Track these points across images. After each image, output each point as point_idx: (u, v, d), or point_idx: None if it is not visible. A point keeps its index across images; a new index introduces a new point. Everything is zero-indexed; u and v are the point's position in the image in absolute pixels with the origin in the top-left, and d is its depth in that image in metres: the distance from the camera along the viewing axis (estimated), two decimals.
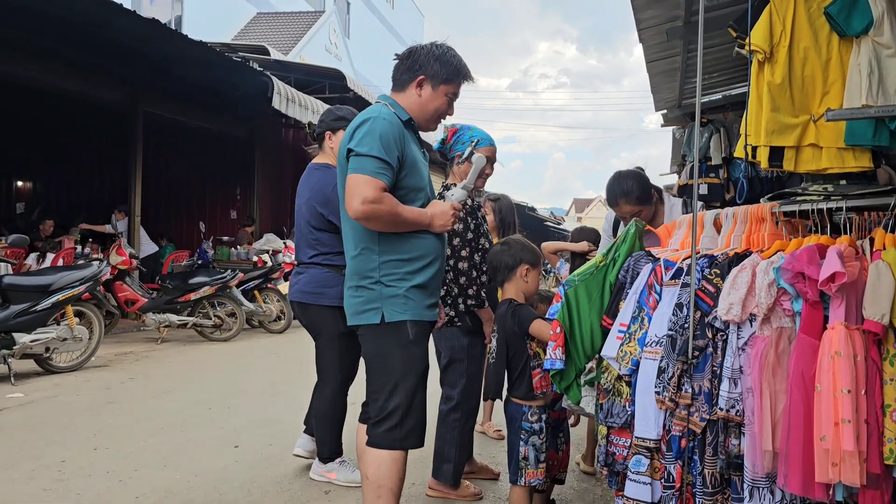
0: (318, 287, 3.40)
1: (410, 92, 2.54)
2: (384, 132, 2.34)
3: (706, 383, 2.02)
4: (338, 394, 3.49)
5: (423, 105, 2.54)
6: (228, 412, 4.99)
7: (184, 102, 11.30)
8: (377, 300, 2.40)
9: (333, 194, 3.32)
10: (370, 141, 2.31)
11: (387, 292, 2.40)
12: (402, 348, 2.42)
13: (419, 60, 2.52)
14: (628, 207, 3.17)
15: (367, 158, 2.30)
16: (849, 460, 1.79)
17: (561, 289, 2.51)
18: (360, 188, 2.26)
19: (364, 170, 2.29)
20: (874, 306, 1.80)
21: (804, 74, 2.52)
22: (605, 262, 2.47)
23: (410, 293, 2.41)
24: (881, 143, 2.40)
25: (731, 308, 1.94)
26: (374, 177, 2.28)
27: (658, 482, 2.16)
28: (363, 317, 2.44)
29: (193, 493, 3.37)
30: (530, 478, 2.68)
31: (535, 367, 2.71)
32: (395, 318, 2.40)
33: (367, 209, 2.26)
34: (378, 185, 2.28)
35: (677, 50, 5.32)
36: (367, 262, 2.43)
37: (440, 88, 2.53)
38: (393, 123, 2.39)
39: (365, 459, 2.46)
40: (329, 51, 23.24)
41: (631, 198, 3.16)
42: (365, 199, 2.25)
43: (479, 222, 3.30)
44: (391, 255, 2.41)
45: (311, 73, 12.54)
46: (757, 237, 2.15)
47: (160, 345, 8.13)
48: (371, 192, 2.25)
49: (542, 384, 2.70)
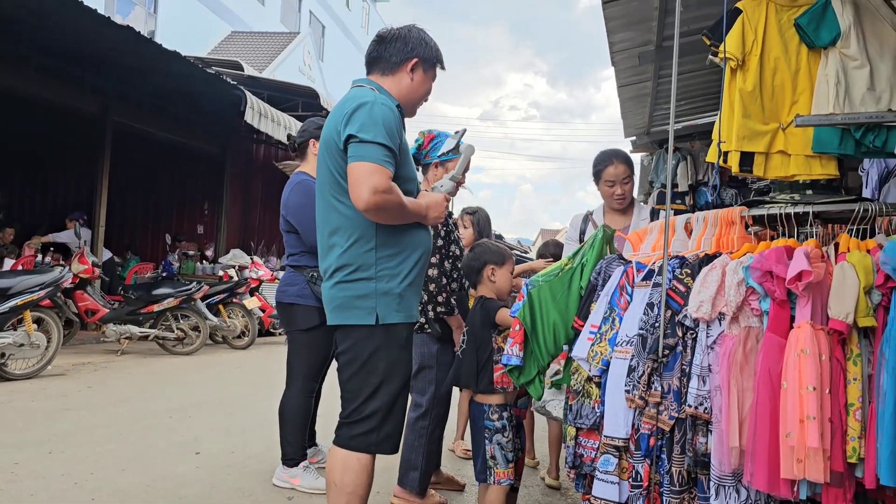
0: (283, 286, 3.56)
1: (402, 76, 2.41)
2: (386, 118, 2.20)
3: (675, 382, 2.06)
4: (302, 392, 3.49)
5: (414, 90, 2.43)
6: (189, 421, 4.88)
7: (155, 114, 11.19)
8: (371, 297, 2.25)
9: (291, 196, 3.47)
10: (374, 127, 2.16)
11: (382, 289, 2.25)
12: (391, 350, 2.28)
13: (411, 42, 2.40)
14: (622, 168, 3.33)
15: (372, 146, 2.14)
16: (813, 457, 1.83)
17: (524, 288, 2.50)
18: (371, 177, 2.10)
19: (371, 157, 2.12)
20: (839, 306, 1.85)
21: (774, 83, 2.62)
22: (571, 265, 2.50)
23: (405, 292, 2.29)
24: (846, 151, 2.50)
25: (701, 305, 1.98)
26: (383, 165, 2.13)
27: (626, 482, 2.18)
28: (351, 314, 2.27)
29: (152, 497, 3.28)
30: (500, 477, 2.65)
31: (497, 361, 2.69)
32: (390, 320, 2.26)
33: (379, 199, 2.10)
34: (387, 173, 2.13)
35: (648, 75, 5.47)
36: (361, 255, 2.26)
37: (430, 72, 2.46)
38: (392, 110, 2.26)
39: (331, 464, 2.31)
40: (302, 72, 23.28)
41: (623, 159, 3.34)
42: (376, 189, 2.09)
43: (449, 229, 3.31)
44: (387, 248, 2.27)
45: (284, 90, 12.53)
46: (727, 240, 2.21)
47: (120, 356, 7.93)
48: (382, 182, 2.10)
49: (504, 379, 2.67)
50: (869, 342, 1.95)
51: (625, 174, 3.34)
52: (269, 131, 10.39)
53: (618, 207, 3.40)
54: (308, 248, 3.41)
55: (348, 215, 2.27)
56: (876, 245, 2.02)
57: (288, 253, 3.62)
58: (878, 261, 1.91)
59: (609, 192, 3.39)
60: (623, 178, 3.34)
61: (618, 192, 3.35)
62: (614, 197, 3.38)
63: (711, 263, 2.07)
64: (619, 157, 3.38)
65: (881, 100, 2.57)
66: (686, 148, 7.32)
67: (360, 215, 2.22)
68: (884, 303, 1.90)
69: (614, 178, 3.34)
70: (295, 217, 3.47)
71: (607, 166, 3.36)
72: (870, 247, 2.02)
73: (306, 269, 3.44)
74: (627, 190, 3.37)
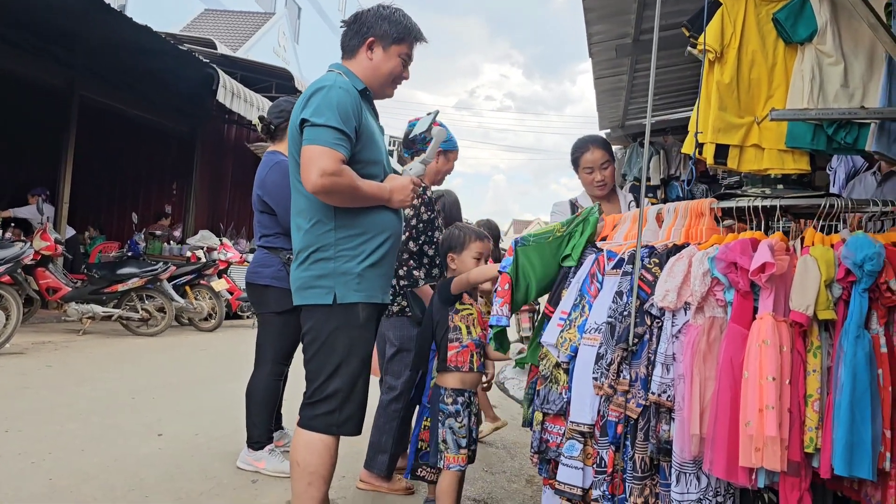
0: (256, 267, 3.51)
1: (361, 57, 2.44)
2: (341, 101, 2.23)
3: (642, 370, 2.08)
4: (270, 374, 3.47)
5: (375, 68, 2.44)
6: (153, 402, 4.82)
7: (124, 91, 10.95)
8: (330, 277, 2.29)
9: (268, 175, 3.41)
10: (327, 110, 2.19)
11: (341, 269, 2.29)
12: (350, 330, 2.31)
13: (366, 22, 2.43)
14: (599, 153, 3.32)
15: (324, 129, 2.17)
16: (771, 446, 1.86)
17: (513, 244, 2.45)
18: (318, 160, 2.14)
19: (321, 140, 2.16)
20: (800, 298, 1.89)
21: (751, 77, 2.64)
22: (563, 231, 2.46)
23: (365, 272, 2.32)
24: (819, 146, 2.54)
25: (666, 295, 2.01)
26: (333, 148, 2.16)
27: (590, 468, 2.20)
28: (311, 294, 2.32)
29: (113, 477, 3.23)
30: (450, 462, 2.64)
31: (453, 339, 2.68)
32: (348, 300, 2.29)
33: (327, 182, 2.14)
34: (337, 156, 2.16)
35: (624, 69, 5.49)
36: (320, 236, 2.31)
37: (392, 49, 2.44)
38: (350, 93, 2.29)
39: (295, 444, 2.34)
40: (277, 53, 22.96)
41: (600, 144, 3.34)
42: (324, 172, 2.13)
43: (433, 215, 3.30)
44: (347, 230, 2.30)
45: (258, 71, 12.35)
46: (696, 231, 2.24)
47: (82, 336, 7.79)
48: (330, 164, 2.14)
49: (458, 358, 2.67)
50: (829, 335, 1.99)
51: (602, 159, 3.32)
52: (242, 112, 10.24)
53: (599, 194, 3.37)
54: (284, 230, 3.37)
55: (310, 198, 2.30)
56: (840, 240, 2.05)
57: (261, 234, 3.56)
58: (840, 255, 1.95)
59: (588, 179, 3.38)
60: (602, 164, 3.32)
61: (597, 178, 3.33)
62: (594, 183, 3.36)
63: (679, 253, 2.09)
64: (596, 142, 3.37)
65: (854, 97, 2.62)
66: (659, 142, 7.38)
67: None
68: (844, 296, 1.94)
69: (592, 163, 3.33)
70: (272, 196, 3.43)
71: (584, 153, 3.36)
72: (834, 241, 2.06)
73: (282, 251, 3.40)
74: (607, 175, 3.33)
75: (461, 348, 2.68)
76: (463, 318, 2.73)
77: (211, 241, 10.67)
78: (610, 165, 3.34)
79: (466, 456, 2.67)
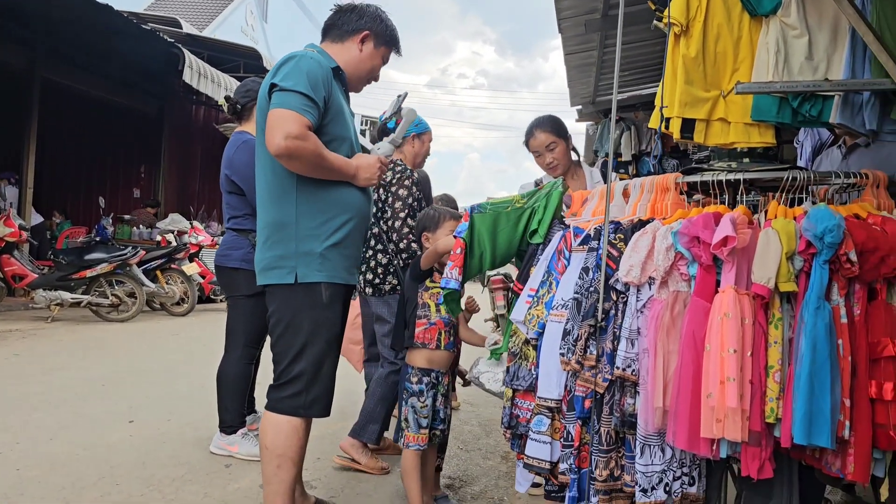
0: (226, 249, 3.47)
1: (350, 45, 2.47)
2: (311, 70, 2.22)
3: (609, 345, 2.09)
4: (242, 358, 3.44)
5: (361, 61, 2.48)
6: (124, 389, 4.76)
7: (88, 71, 10.69)
8: (292, 257, 2.28)
9: (236, 155, 3.38)
10: (296, 76, 2.18)
11: (303, 248, 2.27)
12: (313, 311, 2.30)
13: (366, 15, 2.47)
14: (543, 136, 3.29)
15: (292, 94, 2.15)
16: (732, 417, 1.88)
17: (470, 209, 2.43)
18: (284, 123, 2.11)
19: (288, 105, 2.14)
20: (761, 270, 1.91)
21: (717, 50, 2.65)
22: (523, 203, 2.45)
23: (328, 252, 2.30)
24: (784, 120, 2.56)
25: (630, 270, 2.01)
26: (300, 112, 2.14)
27: (557, 442, 2.22)
28: (273, 274, 2.31)
29: (82, 466, 3.19)
30: (409, 441, 2.63)
31: (421, 317, 2.68)
32: (309, 280, 2.28)
33: (291, 145, 2.11)
34: (303, 121, 2.13)
35: (594, 44, 5.48)
36: (282, 214, 2.29)
37: (380, 49, 2.51)
38: (321, 65, 2.28)
39: (263, 427, 2.34)
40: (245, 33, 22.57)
41: (545, 126, 3.30)
42: (288, 135, 2.10)
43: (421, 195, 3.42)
44: (309, 207, 2.28)
45: (225, 51, 12.13)
46: (661, 206, 2.24)
47: (50, 323, 7.67)
48: (295, 128, 2.11)
49: (425, 336, 2.67)
50: (791, 307, 2.01)
51: (547, 141, 3.29)
52: (209, 92, 10.07)
53: (554, 174, 3.38)
54: (253, 210, 3.32)
55: (276, 173, 2.29)
56: (803, 212, 2.07)
57: (229, 216, 3.51)
58: (801, 228, 1.97)
59: (539, 162, 3.38)
60: (548, 146, 3.29)
61: (547, 160, 3.32)
62: (545, 166, 3.36)
63: (643, 228, 2.10)
64: (541, 125, 3.32)
65: (818, 69, 2.63)
66: (630, 118, 7.42)
67: (284, 174, 2.26)
68: (805, 268, 1.97)
69: (538, 148, 3.32)
70: (240, 175, 3.38)
71: (529, 139, 3.35)
72: (797, 214, 2.08)
73: (251, 232, 3.36)
74: (557, 156, 3.30)
75: (429, 325, 2.68)
76: (432, 296, 2.72)
77: (181, 225, 10.54)
78: (558, 146, 3.30)
79: (427, 436, 2.67)
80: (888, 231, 1.99)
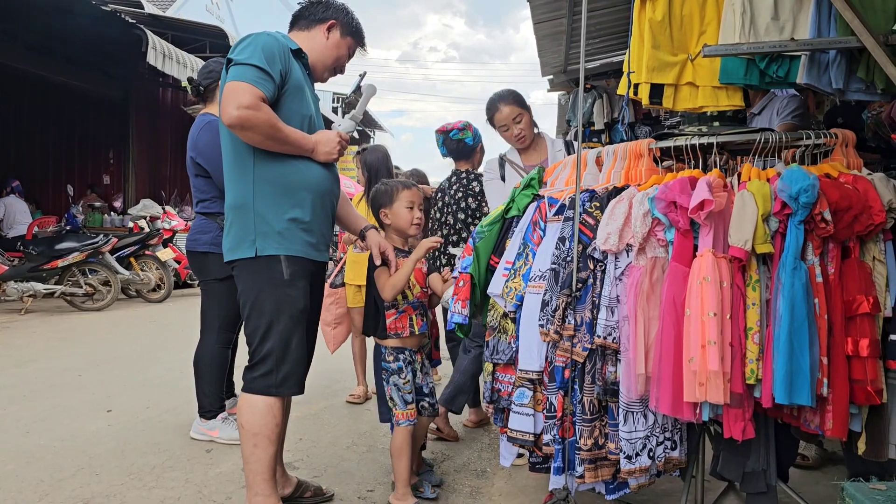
0: (195, 234, 3.41)
1: (317, 33, 2.52)
2: (267, 45, 2.24)
3: (587, 314, 2.08)
4: (216, 342, 3.40)
5: (327, 48, 2.52)
6: (101, 378, 4.69)
7: (45, 56, 10.36)
8: (251, 233, 2.28)
9: (200, 136, 3.33)
10: (251, 50, 2.22)
11: (261, 225, 2.28)
12: (275, 289, 2.30)
13: (333, 6, 2.54)
14: (508, 109, 3.28)
15: (246, 67, 2.18)
16: (714, 380, 1.89)
17: (471, 241, 2.48)
18: (237, 94, 2.14)
19: (242, 77, 2.17)
20: (738, 233, 1.90)
21: (683, 13, 2.62)
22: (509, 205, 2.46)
23: (286, 229, 2.29)
24: (752, 81, 2.55)
25: (608, 238, 2.00)
26: (253, 84, 2.16)
27: (540, 413, 2.22)
28: (236, 252, 2.33)
29: (60, 458, 3.14)
30: (399, 418, 2.63)
31: (389, 307, 2.66)
32: (268, 252, 2.28)
33: (244, 115, 2.13)
34: (256, 92, 2.16)
35: (563, 12, 5.42)
36: (241, 195, 2.30)
37: (346, 39, 2.56)
38: (278, 40, 2.30)
39: (239, 407, 2.36)
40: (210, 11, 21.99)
41: (508, 99, 3.29)
42: (240, 105, 2.12)
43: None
44: (266, 184, 2.28)
45: (189, 30, 11.80)
46: (635, 173, 2.23)
47: (24, 315, 7.53)
48: (247, 98, 2.13)
49: (397, 325, 2.66)
50: (767, 268, 2.02)
51: (513, 114, 3.27)
52: (175, 73, 9.81)
53: (520, 146, 3.36)
54: (220, 193, 3.26)
55: (235, 151, 2.32)
56: (776, 174, 2.07)
57: (198, 199, 3.44)
58: (776, 189, 1.96)
59: (507, 136, 3.36)
60: (514, 118, 3.27)
61: (514, 132, 3.30)
62: (514, 139, 3.34)
63: (619, 196, 2.08)
64: (504, 99, 3.30)
65: (784, 29, 2.62)
66: (602, 86, 7.38)
67: (243, 152, 2.29)
68: (781, 229, 1.97)
69: (504, 121, 3.30)
70: (205, 157, 3.30)
71: (494, 113, 3.33)
72: (770, 176, 2.08)
73: (219, 215, 3.29)
74: (523, 127, 3.29)
75: (398, 314, 2.66)
76: None
77: (153, 210, 10.36)
78: (523, 117, 3.29)
79: (416, 410, 2.68)
80: (860, 189, 1.99)
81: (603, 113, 7.24)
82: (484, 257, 2.46)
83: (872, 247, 2.05)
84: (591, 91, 7.32)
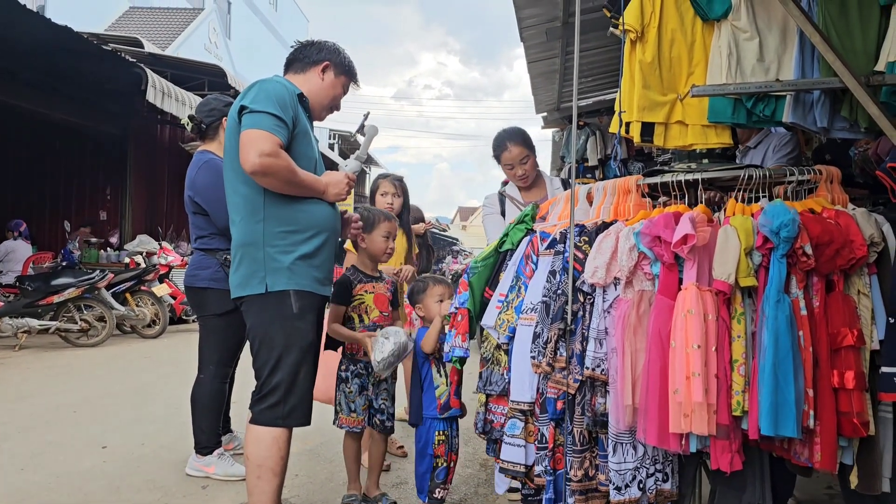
0: (194, 269, 3.43)
1: (312, 75, 2.60)
2: (278, 92, 2.34)
3: (578, 346, 2.12)
4: (214, 378, 3.41)
5: (324, 89, 2.61)
6: (96, 414, 4.68)
7: (47, 94, 10.50)
8: (261, 269, 2.36)
9: (198, 175, 3.37)
10: (265, 99, 2.30)
11: (271, 263, 2.35)
12: (285, 322, 2.37)
13: (325, 48, 2.63)
14: (517, 150, 3.36)
15: (262, 115, 2.26)
16: (699, 411, 1.93)
17: (466, 277, 2.55)
18: (257, 142, 2.22)
19: (261, 125, 2.25)
20: (721, 267, 1.96)
21: (672, 55, 2.73)
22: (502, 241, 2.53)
23: (295, 265, 2.37)
24: (739, 120, 2.65)
25: (596, 271, 2.05)
26: (271, 132, 2.25)
27: (532, 445, 2.25)
28: (246, 287, 2.39)
29: (55, 495, 3.13)
30: (343, 423, 2.89)
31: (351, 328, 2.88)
32: (278, 288, 2.35)
33: (266, 162, 2.21)
34: (275, 140, 2.25)
35: (556, 52, 5.56)
36: (250, 231, 2.38)
37: (341, 78, 2.66)
38: (287, 87, 2.40)
39: (246, 439, 2.42)
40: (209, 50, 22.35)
41: (517, 139, 3.36)
42: (262, 152, 2.21)
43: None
44: (277, 224, 2.36)
45: (188, 69, 12.00)
46: (623, 207, 2.30)
47: (18, 351, 7.50)
48: (268, 146, 2.22)
49: (351, 346, 2.92)
50: (752, 301, 2.06)
51: (521, 155, 3.36)
52: (174, 111, 9.95)
53: (522, 186, 3.45)
54: (219, 230, 3.32)
55: (244, 193, 2.38)
56: (760, 209, 2.13)
57: (196, 235, 3.48)
58: (758, 224, 2.02)
59: (511, 175, 3.44)
60: (521, 159, 3.36)
61: (518, 173, 3.39)
62: (517, 178, 3.43)
63: (607, 230, 2.14)
64: (513, 139, 3.38)
65: (770, 70, 2.72)
66: (595, 123, 7.50)
67: (253, 194, 2.36)
68: (764, 263, 2.02)
69: (511, 161, 3.39)
70: (204, 197, 3.35)
71: (502, 151, 3.40)
72: (754, 210, 2.14)
73: (218, 251, 3.35)
74: (528, 168, 3.39)
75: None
76: (354, 308, 2.92)
77: (150, 246, 10.39)
78: (529, 159, 3.39)
79: (361, 421, 2.89)
80: (841, 224, 2.05)
81: (596, 149, 7.35)
82: (478, 291, 2.52)
83: (857, 280, 2.09)
84: (585, 128, 7.45)
